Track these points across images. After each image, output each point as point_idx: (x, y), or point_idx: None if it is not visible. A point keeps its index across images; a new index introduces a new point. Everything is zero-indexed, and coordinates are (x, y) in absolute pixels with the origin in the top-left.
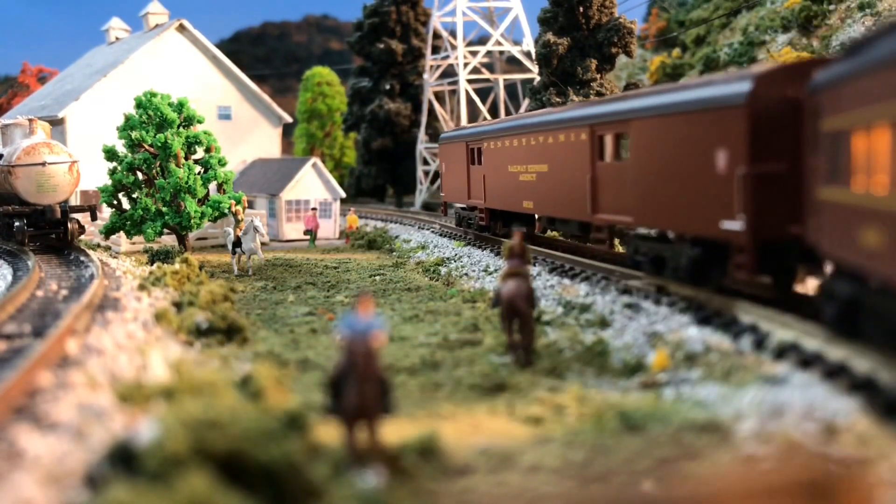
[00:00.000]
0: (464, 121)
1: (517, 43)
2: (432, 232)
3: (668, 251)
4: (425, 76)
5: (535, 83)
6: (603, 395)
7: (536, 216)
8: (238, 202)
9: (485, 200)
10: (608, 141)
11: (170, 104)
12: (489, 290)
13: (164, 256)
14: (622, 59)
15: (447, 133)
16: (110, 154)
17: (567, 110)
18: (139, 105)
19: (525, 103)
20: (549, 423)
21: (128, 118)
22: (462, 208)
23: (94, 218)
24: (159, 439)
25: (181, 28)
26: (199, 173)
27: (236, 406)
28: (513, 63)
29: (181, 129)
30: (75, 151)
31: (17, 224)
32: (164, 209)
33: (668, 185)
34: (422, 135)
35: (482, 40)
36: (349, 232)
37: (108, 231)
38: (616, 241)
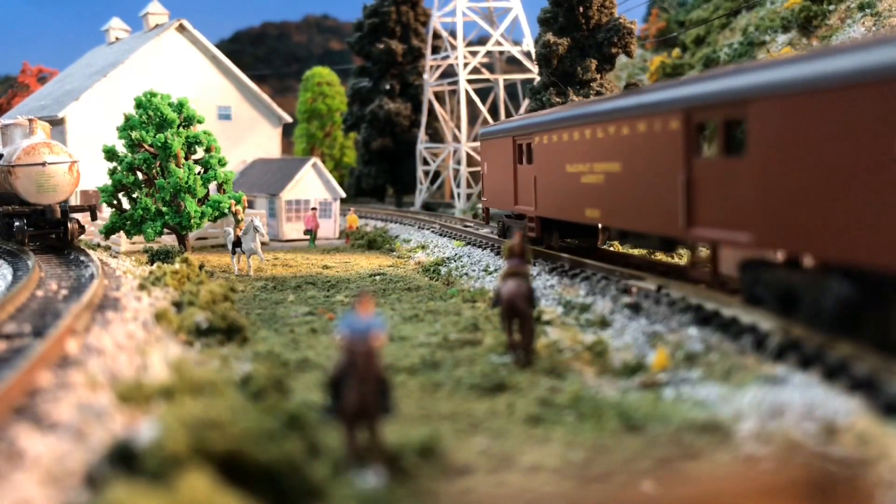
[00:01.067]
0: (463, 121)
1: (517, 43)
2: (432, 232)
3: (805, 285)
4: (425, 76)
5: (535, 83)
6: (603, 395)
7: (602, 227)
8: (238, 202)
9: (535, 207)
10: (714, 129)
11: (170, 104)
12: (489, 290)
13: (164, 256)
14: (622, 60)
15: (489, 127)
16: (110, 154)
17: (650, 91)
18: (139, 105)
19: (525, 103)
20: (550, 423)
21: (128, 118)
22: (507, 216)
23: (94, 218)
24: (159, 439)
25: (181, 28)
26: (199, 173)
27: (236, 406)
28: (513, 63)
29: (181, 129)
30: (75, 151)
31: (17, 224)
32: (164, 209)
33: (811, 191)
34: (422, 135)
35: (482, 40)
36: (349, 232)
37: (108, 231)
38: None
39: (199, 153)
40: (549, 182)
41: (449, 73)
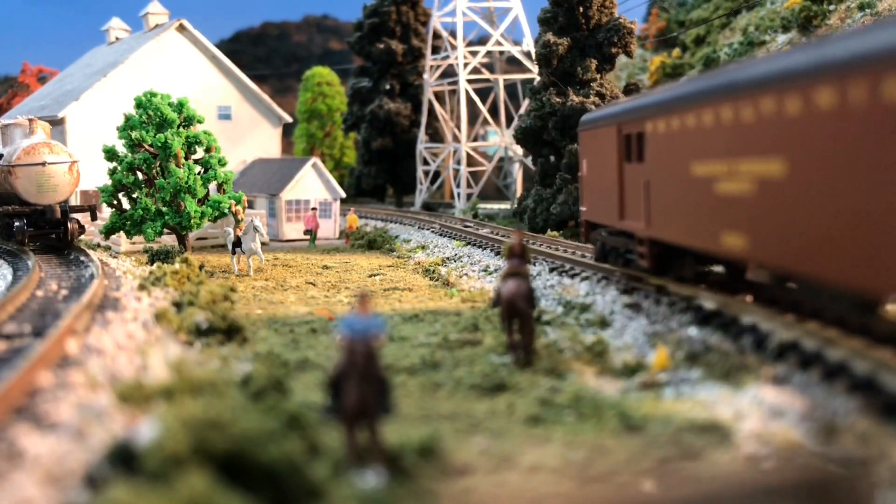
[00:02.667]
0: (463, 121)
1: (517, 43)
2: (432, 232)
3: None
4: (425, 76)
5: (535, 83)
6: (603, 395)
7: (749, 262)
8: (238, 202)
9: (647, 224)
10: None
11: (170, 104)
12: (489, 290)
13: (164, 256)
14: (622, 59)
15: (591, 114)
16: (110, 154)
17: (830, 42)
18: (139, 105)
19: (525, 103)
20: (550, 423)
21: (128, 118)
22: (610, 233)
23: (94, 218)
24: (159, 439)
25: (181, 28)
26: (199, 173)
27: (236, 406)
28: (513, 63)
29: (181, 129)
30: (75, 151)
31: (17, 224)
32: (164, 209)
33: None
34: (422, 135)
35: (482, 40)
36: (349, 232)
37: (108, 231)
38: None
39: (199, 153)
40: (667, 189)
41: (449, 73)
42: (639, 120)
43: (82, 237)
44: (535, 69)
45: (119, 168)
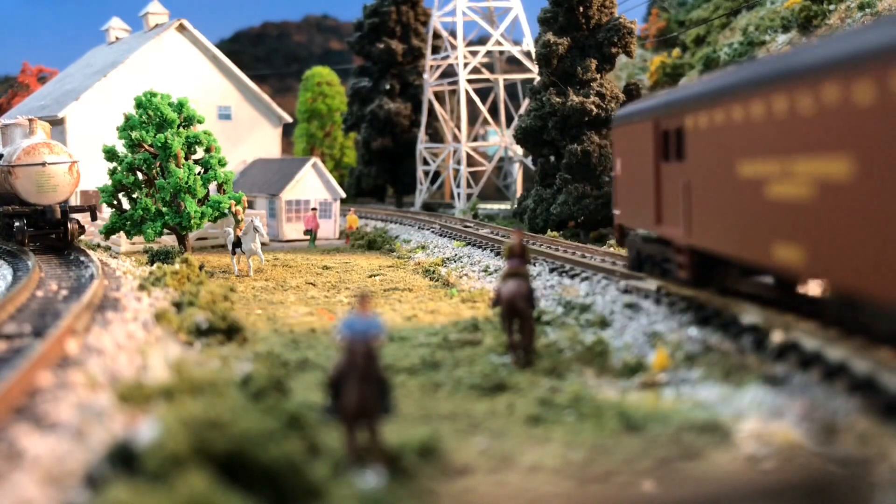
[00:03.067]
0: (463, 121)
1: (517, 43)
2: (432, 232)
3: None
4: (425, 76)
5: (535, 83)
6: (603, 395)
7: (806, 278)
8: (238, 202)
9: (687, 232)
10: None
11: (170, 104)
12: (489, 290)
13: (164, 256)
14: (622, 59)
15: (625, 108)
16: (110, 154)
17: None
18: (139, 105)
19: (525, 103)
20: (550, 423)
21: (128, 118)
22: (645, 239)
23: (94, 218)
24: (159, 439)
25: (181, 28)
26: (199, 173)
27: (236, 406)
28: (513, 63)
29: (181, 129)
30: (75, 151)
31: (17, 224)
32: (164, 209)
33: None
34: (422, 135)
35: (482, 40)
36: (349, 232)
37: (108, 231)
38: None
39: (199, 153)
40: (709, 191)
41: (449, 72)
42: (677, 114)
43: (82, 237)
44: (535, 69)
45: (119, 168)
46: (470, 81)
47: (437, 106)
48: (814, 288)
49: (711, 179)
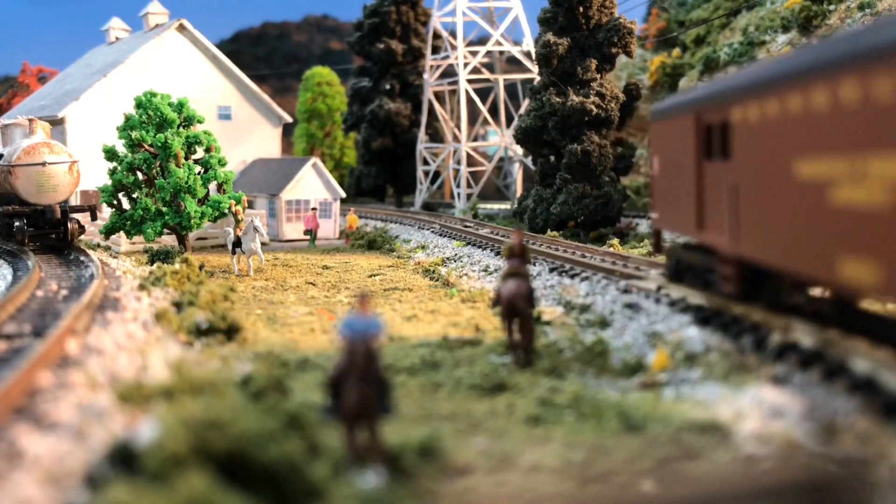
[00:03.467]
0: (463, 121)
1: (517, 43)
2: (432, 232)
3: None
4: (425, 76)
5: (535, 83)
6: (603, 395)
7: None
8: (238, 202)
9: (733, 240)
10: None
11: (170, 104)
12: (489, 290)
13: (164, 256)
14: (622, 59)
15: (663, 103)
16: (110, 154)
17: None
18: (139, 105)
19: (525, 103)
20: (550, 423)
21: (128, 118)
22: (685, 247)
23: (94, 218)
24: (159, 439)
25: (181, 28)
26: (199, 173)
27: (236, 406)
28: (513, 63)
29: (181, 129)
30: (75, 151)
31: (17, 224)
32: (164, 209)
33: None
34: (422, 135)
35: (482, 40)
36: (349, 232)
37: (108, 231)
38: None
39: (199, 153)
40: (760, 194)
41: (449, 73)
42: (723, 105)
43: (82, 237)
44: (535, 69)
45: (119, 168)
46: (470, 81)
47: (437, 106)
48: (878, 303)
49: (762, 181)
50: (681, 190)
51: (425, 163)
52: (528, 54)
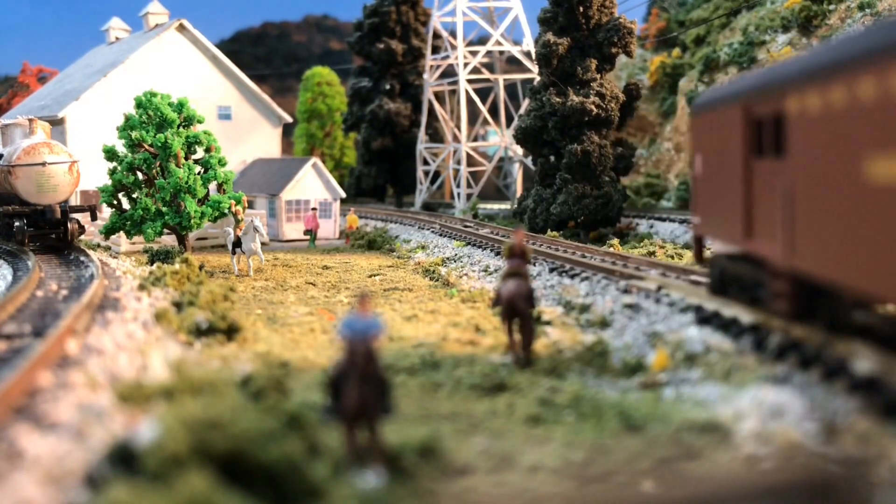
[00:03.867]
0: (463, 121)
1: (517, 43)
2: (432, 232)
3: None
4: (425, 76)
5: (535, 83)
6: (603, 395)
7: None
8: (238, 202)
9: (787, 251)
10: None
11: (170, 104)
12: (489, 291)
13: (164, 256)
14: (622, 59)
15: (706, 94)
16: (110, 154)
17: None
18: (139, 105)
19: (525, 103)
20: (550, 423)
21: (128, 118)
22: (730, 257)
23: (94, 218)
24: (159, 439)
25: (181, 28)
26: (199, 173)
27: (236, 406)
28: (513, 63)
29: (181, 129)
30: (75, 151)
31: (17, 224)
32: (164, 209)
33: None
34: (422, 135)
35: (482, 40)
36: (349, 232)
37: (108, 231)
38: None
39: (199, 153)
40: (823, 198)
41: (449, 73)
42: (776, 95)
43: (82, 237)
44: (535, 69)
45: (119, 168)
46: (470, 81)
47: (437, 106)
48: None
49: (825, 182)
50: (726, 192)
51: (425, 163)
52: (528, 54)
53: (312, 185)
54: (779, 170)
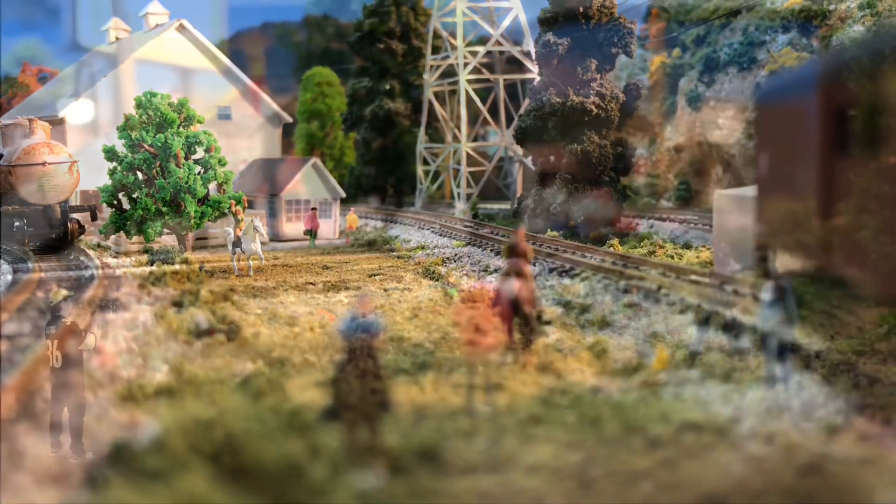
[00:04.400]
0: (463, 121)
1: (517, 43)
2: (432, 232)
3: None
4: (425, 76)
5: (535, 83)
6: (603, 395)
7: None
8: (238, 202)
9: (888, 277)
10: None
11: (170, 104)
12: (489, 290)
13: (164, 256)
14: (622, 59)
15: (775, 80)
16: (110, 154)
17: None
18: (139, 105)
19: (525, 103)
20: (550, 423)
21: (128, 118)
22: (813, 277)
23: (94, 218)
24: (159, 439)
25: (181, 28)
26: (199, 173)
27: (236, 406)
28: (513, 63)
29: (181, 129)
30: (75, 152)
31: (17, 224)
32: (165, 209)
33: None
34: (422, 135)
35: (482, 40)
36: (349, 232)
37: (108, 231)
38: None
39: (199, 153)
40: None
41: (449, 73)
42: (868, 76)
43: (82, 237)
44: (535, 69)
45: (119, 168)
46: (470, 81)
47: (437, 106)
48: None
49: None
50: (799, 198)
51: (425, 163)
52: (528, 54)
53: (312, 185)
54: (872, 170)
